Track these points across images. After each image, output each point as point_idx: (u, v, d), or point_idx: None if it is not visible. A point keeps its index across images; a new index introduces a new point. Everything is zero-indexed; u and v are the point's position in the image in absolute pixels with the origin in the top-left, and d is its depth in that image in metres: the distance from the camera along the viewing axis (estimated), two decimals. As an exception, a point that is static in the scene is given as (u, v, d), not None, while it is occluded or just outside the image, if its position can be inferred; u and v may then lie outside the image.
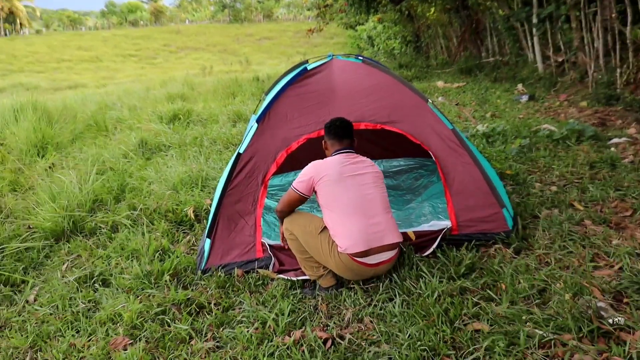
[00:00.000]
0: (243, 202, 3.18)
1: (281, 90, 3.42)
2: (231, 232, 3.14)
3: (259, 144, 3.27)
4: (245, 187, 3.19)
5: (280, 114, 3.36)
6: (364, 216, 2.72)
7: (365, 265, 2.71)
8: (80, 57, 39.20)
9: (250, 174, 3.21)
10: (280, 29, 54.07)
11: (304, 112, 3.37)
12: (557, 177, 4.23)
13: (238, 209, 3.17)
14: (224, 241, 3.13)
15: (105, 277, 3.22)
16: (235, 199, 3.17)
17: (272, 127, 3.31)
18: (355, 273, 2.77)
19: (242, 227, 3.15)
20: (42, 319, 2.81)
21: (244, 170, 3.21)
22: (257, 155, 3.24)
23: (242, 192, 3.18)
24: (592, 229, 3.19)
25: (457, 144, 3.26)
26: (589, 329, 2.19)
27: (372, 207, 2.76)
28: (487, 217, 3.15)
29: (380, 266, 2.76)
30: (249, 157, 3.23)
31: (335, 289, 2.82)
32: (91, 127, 7.80)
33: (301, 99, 3.43)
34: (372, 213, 2.74)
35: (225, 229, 3.14)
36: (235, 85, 13.00)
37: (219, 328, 2.57)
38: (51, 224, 3.86)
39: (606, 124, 5.88)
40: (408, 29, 18.58)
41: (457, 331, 2.34)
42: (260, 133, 3.28)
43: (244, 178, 3.19)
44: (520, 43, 10.86)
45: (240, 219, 3.16)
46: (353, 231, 2.68)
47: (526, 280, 2.66)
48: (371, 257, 2.70)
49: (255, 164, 3.22)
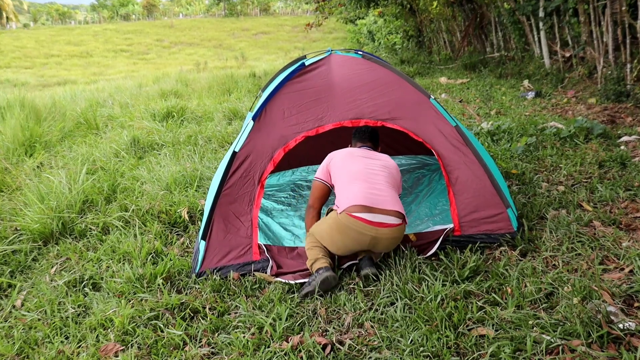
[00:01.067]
0: (239, 203, 3.18)
1: (278, 87, 3.42)
2: (227, 233, 3.14)
3: (255, 142, 3.27)
4: (241, 187, 3.19)
5: (277, 111, 3.36)
6: (366, 182, 2.97)
7: (364, 221, 2.82)
8: (70, 53, 39.18)
9: (246, 174, 3.21)
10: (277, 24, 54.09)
11: (302, 109, 3.37)
12: (564, 176, 4.23)
13: (233, 209, 3.17)
14: (219, 243, 3.12)
15: (96, 280, 3.21)
16: (230, 199, 3.17)
17: (268, 125, 3.31)
18: (353, 238, 2.84)
19: (237, 228, 3.15)
20: (30, 325, 2.80)
21: (239, 169, 3.21)
22: (254, 153, 3.24)
23: (238, 192, 3.18)
24: (602, 231, 3.19)
25: (461, 142, 3.26)
26: (599, 335, 2.19)
27: (377, 180, 3.01)
28: (491, 218, 3.15)
29: (381, 229, 2.84)
30: (245, 156, 3.23)
31: (325, 271, 2.80)
32: (81, 125, 7.79)
33: (299, 96, 3.43)
34: (375, 182, 2.99)
35: (221, 230, 3.14)
36: (231, 81, 13.00)
37: (214, 333, 2.57)
38: (39, 226, 3.85)
39: (616, 122, 5.89)
40: (410, 23, 18.58)
41: (461, 336, 2.34)
42: (256, 131, 3.28)
43: (239, 177, 3.19)
44: (527, 37, 10.87)
45: (236, 220, 3.16)
46: (355, 192, 2.92)
47: (533, 283, 2.66)
48: (371, 214, 2.84)
49: (251, 162, 3.22)
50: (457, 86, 10.45)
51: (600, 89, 7.43)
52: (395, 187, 3.13)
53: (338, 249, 2.97)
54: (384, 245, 2.93)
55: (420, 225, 3.72)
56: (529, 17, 10.21)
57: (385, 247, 2.94)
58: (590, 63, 8.30)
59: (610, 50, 7.43)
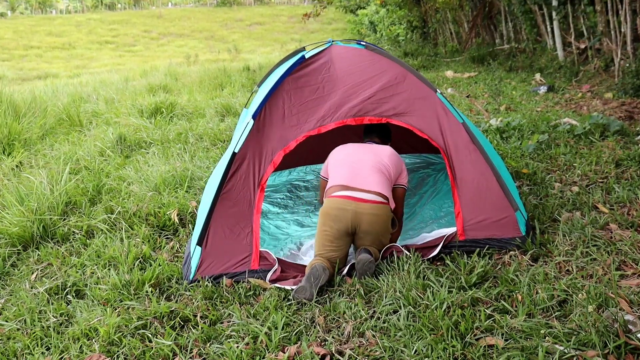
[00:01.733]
0: (238, 207, 3.16)
1: (278, 82, 3.41)
2: (225, 240, 3.12)
3: (255, 142, 3.25)
4: (240, 190, 3.17)
5: (277, 110, 3.34)
6: (349, 167, 3.28)
7: (343, 197, 3.11)
8: (51, 44, 39.08)
9: (246, 176, 3.19)
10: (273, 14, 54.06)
11: (303, 108, 3.36)
12: (579, 176, 4.24)
13: (233, 214, 3.15)
14: (216, 250, 3.11)
15: (80, 287, 3.21)
16: (229, 203, 3.15)
17: (268, 125, 3.30)
18: (335, 217, 3.08)
19: (237, 234, 3.14)
20: (8, 335, 2.80)
21: (238, 171, 3.19)
22: (254, 155, 3.22)
23: (237, 196, 3.16)
24: (619, 234, 3.20)
25: (468, 140, 3.27)
26: (615, 345, 2.19)
27: (361, 165, 3.27)
28: (498, 221, 3.15)
29: (361, 203, 3.08)
30: (244, 157, 3.21)
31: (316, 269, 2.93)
32: (63, 122, 7.79)
33: (299, 93, 3.42)
34: (360, 167, 3.26)
35: (218, 236, 3.12)
36: (224, 75, 13.00)
37: (206, 343, 2.57)
38: (18, 229, 3.85)
39: (634, 118, 5.90)
40: (414, 13, 18.58)
41: (468, 347, 2.35)
42: (256, 130, 3.27)
43: (238, 180, 3.17)
44: (539, 28, 10.89)
45: (235, 226, 3.14)
46: (336, 177, 3.26)
47: (545, 290, 2.66)
48: (350, 191, 3.13)
49: (250, 164, 3.21)
50: (464, 80, 10.47)
51: (617, 82, 7.44)
52: (386, 173, 3.27)
53: (327, 237, 3.09)
54: (368, 222, 3.07)
55: (425, 228, 3.73)
56: (541, 6, 10.23)
57: (369, 223, 3.08)
58: (607, 55, 8.32)
59: (628, 42, 7.44)
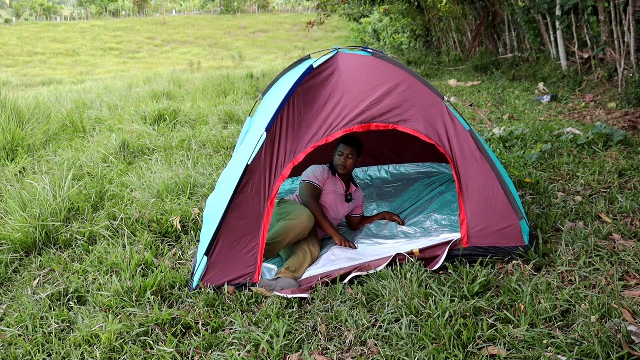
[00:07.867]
0: (247, 220, 3.15)
1: (289, 95, 3.39)
2: (231, 251, 3.12)
3: (266, 155, 3.23)
4: (249, 203, 3.16)
5: (288, 122, 3.32)
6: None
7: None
8: (55, 50, 39.34)
9: (256, 189, 3.18)
10: (276, 21, 54.36)
11: (312, 120, 3.34)
12: (582, 185, 4.24)
13: (241, 226, 3.14)
14: (222, 261, 3.11)
15: (81, 294, 3.22)
16: (239, 215, 3.14)
17: (279, 137, 3.28)
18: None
19: (243, 246, 3.14)
20: (9, 341, 2.81)
21: (248, 184, 3.17)
22: (265, 168, 3.22)
23: (247, 209, 3.15)
24: (622, 244, 3.20)
25: (474, 147, 3.28)
26: (618, 356, 2.19)
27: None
28: (502, 229, 3.16)
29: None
30: (255, 170, 3.20)
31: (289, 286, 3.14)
32: (67, 128, 7.82)
33: (309, 104, 3.40)
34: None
35: (226, 247, 3.12)
36: (227, 82, 13.06)
37: (207, 351, 2.58)
38: (21, 235, 3.86)
39: (637, 127, 5.91)
40: (417, 21, 18.70)
41: (470, 356, 2.35)
42: (269, 143, 3.26)
43: (249, 193, 3.17)
44: (542, 37, 10.93)
45: (243, 238, 3.14)
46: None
47: (547, 300, 2.66)
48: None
49: (262, 177, 3.20)
50: (467, 89, 10.50)
51: (620, 92, 7.46)
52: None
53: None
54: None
55: (429, 236, 3.73)
56: (544, 16, 10.27)
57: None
58: (610, 65, 8.35)
59: (632, 51, 7.46)
